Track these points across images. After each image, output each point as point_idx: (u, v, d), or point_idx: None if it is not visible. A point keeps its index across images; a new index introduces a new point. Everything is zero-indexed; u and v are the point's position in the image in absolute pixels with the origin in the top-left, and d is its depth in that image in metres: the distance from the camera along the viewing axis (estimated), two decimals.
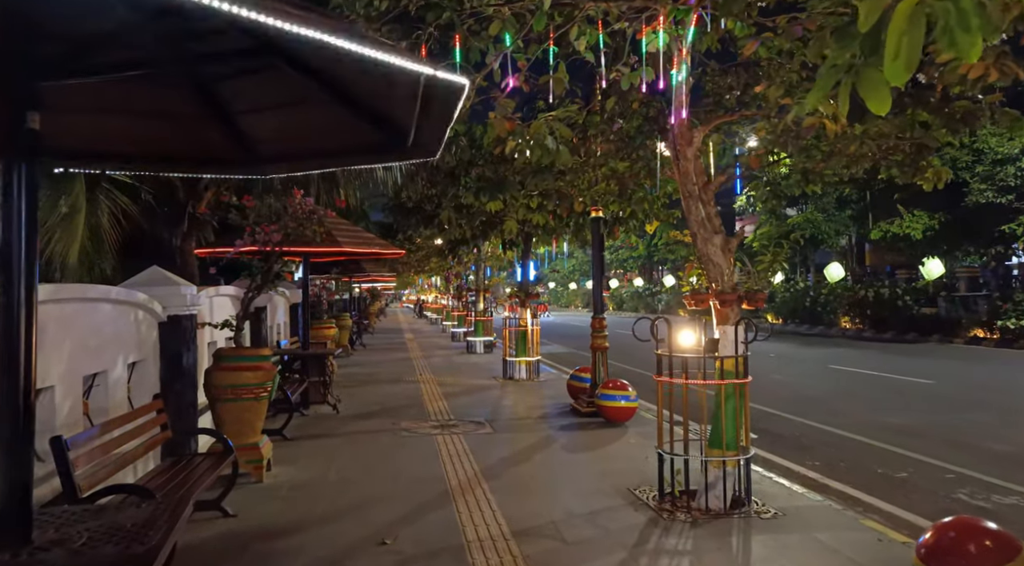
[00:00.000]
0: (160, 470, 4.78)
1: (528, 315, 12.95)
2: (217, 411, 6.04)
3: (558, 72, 4.65)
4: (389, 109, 2.70)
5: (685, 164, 5.31)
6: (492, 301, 20.86)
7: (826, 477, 6.46)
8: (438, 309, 38.68)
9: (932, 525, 3.15)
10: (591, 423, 8.64)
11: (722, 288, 5.26)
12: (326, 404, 9.73)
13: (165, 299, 5.82)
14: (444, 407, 9.95)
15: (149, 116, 3.11)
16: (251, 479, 5.99)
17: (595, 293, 9.64)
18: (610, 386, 8.67)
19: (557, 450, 7.28)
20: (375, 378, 13.42)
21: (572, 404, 9.79)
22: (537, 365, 13.11)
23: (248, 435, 6.06)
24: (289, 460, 6.77)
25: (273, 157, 3.48)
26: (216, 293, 7.66)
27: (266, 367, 6.19)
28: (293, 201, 6.43)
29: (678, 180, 5.40)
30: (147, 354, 5.60)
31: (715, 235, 5.39)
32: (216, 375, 5.99)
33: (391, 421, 8.83)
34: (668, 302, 45.80)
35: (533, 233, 11.98)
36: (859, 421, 9.01)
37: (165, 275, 5.96)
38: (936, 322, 23.13)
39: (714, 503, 5.13)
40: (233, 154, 3.41)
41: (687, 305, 5.57)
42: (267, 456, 6.19)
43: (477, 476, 6.16)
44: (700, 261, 5.41)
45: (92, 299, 4.53)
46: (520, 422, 8.87)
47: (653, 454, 6.99)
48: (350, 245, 8.77)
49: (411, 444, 7.55)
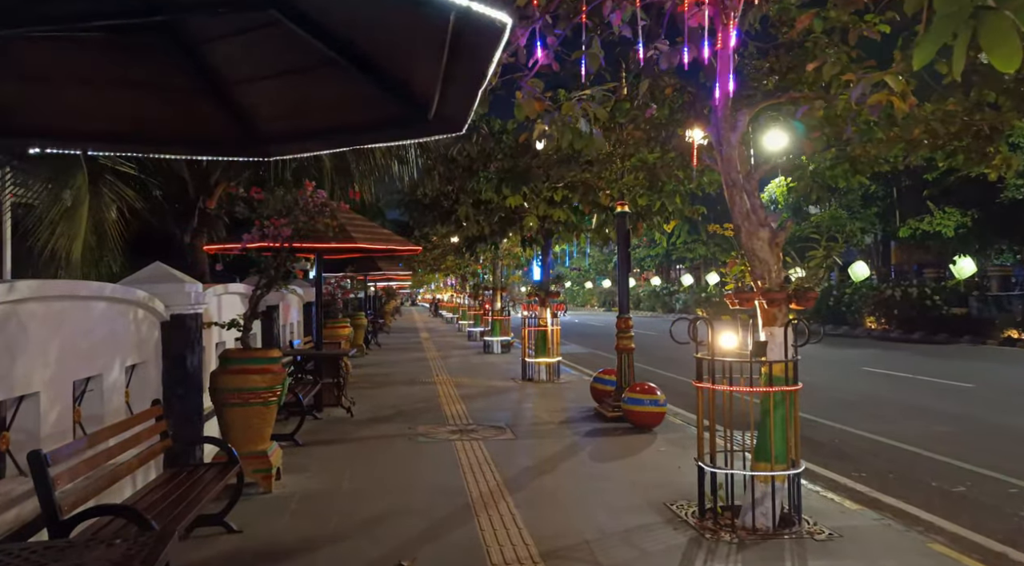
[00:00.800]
0: (159, 483, 4.40)
1: (548, 315, 12.52)
2: (223, 417, 5.67)
3: (592, 47, 4.21)
4: (409, 71, 2.28)
5: (729, 150, 4.85)
6: (508, 299, 20.45)
7: (876, 491, 5.97)
8: (454, 308, 38.36)
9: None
10: (617, 428, 8.20)
11: (769, 286, 4.80)
12: (340, 407, 9.36)
13: (168, 297, 5.46)
14: (462, 410, 9.54)
15: (131, 87, 2.71)
16: (259, 489, 5.62)
17: (621, 292, 9.18)
18: (637, 390, 8.23)
19: (584, 458, 6.85)
20: (391, 379, 13.05)
21: (596, 408, 9.35)
22: (557, 366, 12.68)
23: (256, 442, 5.69)
24: (300, 468, 6.39)
25: (276, 136, 3.06)
26: (225, 291, 7.30)
27: (275, 370, 5.81)
28: (304, 193, 6.05)
29: (720, 168, 4.95)
30: (148, 356, 5.23)
31: (761, 228, 4.93)
32: (222, 378, 5.62)
33: (407, 426, 8.43)
34: (686, 301, 45.18)
35: (553, 230, 11.54)
36: (902, 428, 8.49)
37: (168, 272, 5.59)
38: (967, 322, 22.40)
39: (761, 522, 4.68)
40: (231, 133, 3.00)
41: (729, 304, 5.11)
42: (276, 465, 5.81)
43: (500, 488, 5.74)
44: (745, 256, 4.95)
45: (84, 297, 4.16)
46: (543, 427, 8.44)
47: (685, 463, 6.56)
48: (365, 241, 8.39)
49: (429, 451, 7.15)
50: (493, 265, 20.33)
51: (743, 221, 4.94)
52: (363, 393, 11.02)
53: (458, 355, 18.08)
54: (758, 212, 5.03)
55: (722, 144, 4.84)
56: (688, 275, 48.61)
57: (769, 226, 5.00)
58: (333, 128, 2.96)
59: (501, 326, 18.88)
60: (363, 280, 20.93)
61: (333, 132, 2.99)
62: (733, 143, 4.86)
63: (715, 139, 4.91)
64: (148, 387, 5.21)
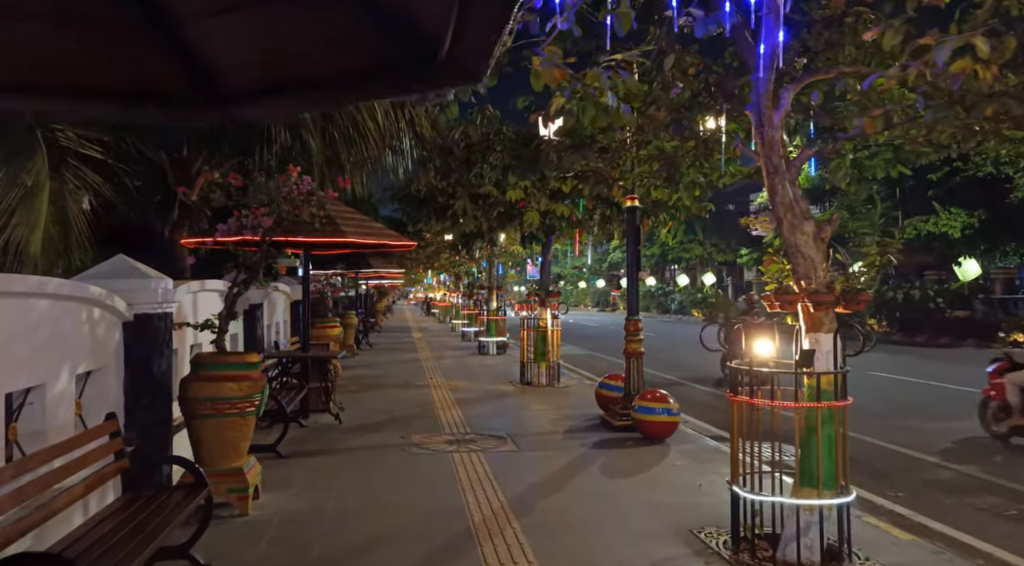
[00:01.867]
0: (113, 510, 3.77)
1: (548, 315, 11.93)
2: (194, 430, 5.05)
3: (620, 6, 3.61)
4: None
5: (771, 132, 4.26)
6: (501, 298, 19.86)
7: (920, 514, 5.39)
8: (447, 307, 37.73)
9: None
10: (627, 439, 7.61)
11: (816, 287, 4.22)
12: (328, 413, 8.73)
13: (131, 294, 4.83)
14: (458, 417, 8.94)
15: (51, 23, 2.06)
16: (234, 511, 5.00)
17: (630, 292, 8.60)
18: (648, 398, 7.64)
19: (594, 474, 6.25)
20: (382, 382, 12.42)
21: (602, 415, 8.76)
22: (558, 369, 12.07)
23: (231, 458, 5.07)
24: (282, 484, 5.77)
25: (240, 92, 2.40)
26: (201, 288, 6.66)
27: (253, 376, 5.19)
28: (287, 179, 5.42)
29: (760, 153, 4.36)
30: (106, 362, 4.60)
31: (805, 221, 4.35)
32: (193, 386, 5.00)
33: (400, 434, 7.82)
34: (681, 302, 44.67)
35: (556, 226, 10.94)
36: (929, 439, 7.94)
37: (132, 266, 4.96)
38: (971, 325, 21.92)
39: (806, 555, 4.09)
40: (183, 87, 2.33)
41: (768, 307, 4.52)
42: (254, 483, 5.19)
43: (504, 510, 5.14)
44: (786, 253, 4.37)
45: (20, 294, 3.53)
46: (546, 437, 7.84)
47: (706, 480, 5.99)
48: (356, 235, 7.75)
49: (424, 464, 6.54)
50: (489, 263, 19.71)
51: (785, 213, 4.36)
52: (353, 397, 10.40)
53: (452, 356, 17.46)
54: (800, 203, 4.45)
55: (763, 124, 4.26)
56: (684, 275, 48.11)
57: (813, 219, 4.43)
58: (313, 79, 2.30)
59: (497, 326, 18.28)
60: (354, 278, 20.26)
61: (314, 85, 2.33)
62: (775, 123, 4.28)
63: (754, 119, 4.32)
64: (106, 397, 4.57)
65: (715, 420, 9.53)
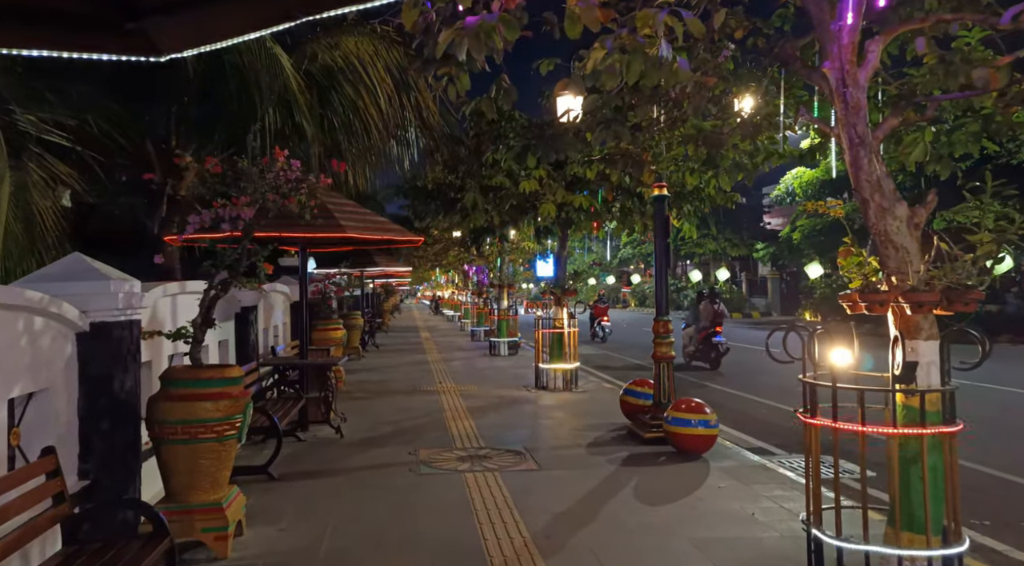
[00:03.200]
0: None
1: (564, 315, 11.15)
2: (163, 457, 4.29)
3: None
4: None
5: (855, 94, 3.46)
6: (512, 296, 19.09)
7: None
8: (455, 305, 36.97)
9: None
10: (659, 454, 6.83)
11: (914, 284, 3.42)
12: (328, 425, 7.99)
13: (86, 300, 4.08)
14: (471, 428, 8.17)
15: None
16: (211, 554, 4.24)
17: (658, 290, 7.80)
18: (683, 408, 6.85)
19: (628, 500, 5.46)
20: (388, 387, 11.67)
21: (629, 426, 7.97)
22: (575, 373, 11.29)
23: (207, 491, 4.31)
24: (271, 516, 5.01)
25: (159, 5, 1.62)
26: (182, 290, 5.92)
27: (234, 393, 4.42)
28: (272, 163, 4.65)
29: (840, 121, 3.56)
30: (53, 381, 3.85)
31: (897, 204, 3.56)
32: (161, 407, 4.24)
33: (407, 449, 7.06)
34: (693, 299, 43.65)
35: (574, 218, 10.14)
36: (1015, 457, 7.09)
37: (88, 266, 4.21)
38: (1004, 320, 21.02)
39: None
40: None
41: (848, 308, 3.73)
42: (235, 519, 4.43)
43: (528, 548, 4.37)
44: (877, 242, 3.58)
45: None
46: (569, 452, 7.06)
47: (759, 507, 5.20)
48: (356, 230, 6.99)
49: (434, 488, 5.77)
50: (500, 260, 18.92)
51: (872, 193, 3.57)
52: (357, 405, 9.66)
53: (462, 357, 16.70)
54: (887, 181, 3.66)
55: (847, 84, 3.45)
56: (696, 271, 47.13)
57: (904, 202, 3.64)
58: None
59: (508, 326, 17.51)
60: (359, 277, 19.52)
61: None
62: (861, 83, 3.48)
63: (834, 79, 3.52)
64: (54, 424, 3.82)
65: (741, 423, 8.75)
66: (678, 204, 9.95)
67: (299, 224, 6.19)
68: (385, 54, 8.73)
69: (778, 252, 35.05)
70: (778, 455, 7.33)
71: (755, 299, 44.32)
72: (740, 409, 9.95)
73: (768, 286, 43.43)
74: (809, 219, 29.84)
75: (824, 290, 29.82)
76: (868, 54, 3.47)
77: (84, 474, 4.08)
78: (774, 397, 11.00)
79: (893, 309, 3.50)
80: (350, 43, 8.59)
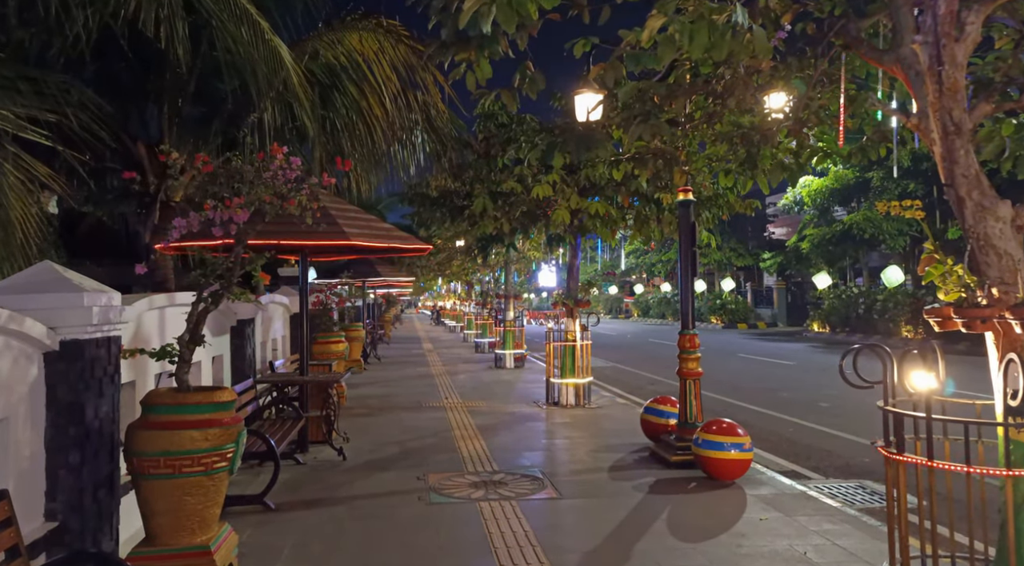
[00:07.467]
0: None
1: (576, 327, 10.61)
2: (143, 494, 3.74)
3: None
4: None
5: (952, 73, 2.96)
6: (517, 307, 18.56)
7: None
8: (457, 316, 36.41)
9: None
10: (689, 479, 6.29)
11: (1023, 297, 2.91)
12: (330, 446, 7.45)
13: (55, 315, 3.56)
14: (482, 449, 7.63)
15: None
16: None
17: (683, 301, 7.28)
18: (714, 430, 6.31)
19: (663, 535, 4.91)
20: (392, 403, 11.12)
21: (651, 447, 7.44)
22: (588, 389, 10.75)
23: (193, 532, 3.77)
24: (265, 557, 4.47)
25: None
26: (170, 302, 5.40)
27: (226, 420, 3.89)
28: (269, 160, 4.14)
29: (931, 105, 3.06)
30: (14, 409, 3.32)
31: (1000, 203, 3.05)
32: (141, 437, 3.70)
33: (415, 473, 6.53)
34: (699, 310, 43.10)
35: (589, 225, 9.63)
36: None
37: (57, 276, 3.69)
38: None
39: None
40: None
41: (935, 325, 3.21)
42: (225, 564, 3.89)
43: None
44: (974, 247, 3.07)
45: None
46: (590, 477, 6.52)
47: (810, 545, 4.65)
48: (361, 237, 6.48)
49: (445, 520, 5.23)
50: (507, 269, 18.40)
51: (969, 190, 3.06)
52: (360, 422, 9.13)
53: (467, 370, 16.15)
54: (984, 177, 3.15)
55: (942, 61, 2.95)
56: (701, 281, 46.60)
57: (1007, 201, 3.13)
58: None
59: (514, 338, 16.96)
60: (361, 287, 18.99)
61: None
62: (959, 61, 2.97)
63: (927, 56, 3.02)
64: (13, 458, 3.29)
65: (767, 442, 8.24)
66: (696, 210, 9.46)
67: (299, 231, 5.70)
68: (391, 50, 8.25)
69: (785, 262, 34.52)
70: (814, 479, 6.81)
71: (761, 309, 43.83)
72: (763, 427, 9.41)
73: (774, 296, 42.93)
74: (817, 228, 29.34)
75: (832, 300, 29.31)
76: (966, 25, 2.97)
77: (51, 514, 3.55)
78: (798, 414, 10.47)
79: (998, 325, 2.99)
80: (354, 39, 8.11)
